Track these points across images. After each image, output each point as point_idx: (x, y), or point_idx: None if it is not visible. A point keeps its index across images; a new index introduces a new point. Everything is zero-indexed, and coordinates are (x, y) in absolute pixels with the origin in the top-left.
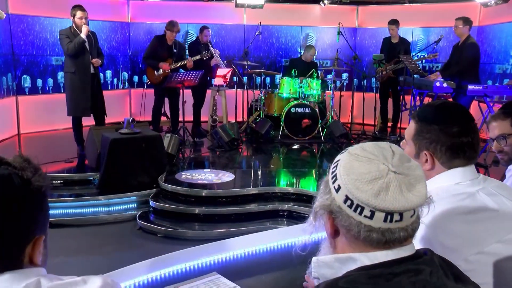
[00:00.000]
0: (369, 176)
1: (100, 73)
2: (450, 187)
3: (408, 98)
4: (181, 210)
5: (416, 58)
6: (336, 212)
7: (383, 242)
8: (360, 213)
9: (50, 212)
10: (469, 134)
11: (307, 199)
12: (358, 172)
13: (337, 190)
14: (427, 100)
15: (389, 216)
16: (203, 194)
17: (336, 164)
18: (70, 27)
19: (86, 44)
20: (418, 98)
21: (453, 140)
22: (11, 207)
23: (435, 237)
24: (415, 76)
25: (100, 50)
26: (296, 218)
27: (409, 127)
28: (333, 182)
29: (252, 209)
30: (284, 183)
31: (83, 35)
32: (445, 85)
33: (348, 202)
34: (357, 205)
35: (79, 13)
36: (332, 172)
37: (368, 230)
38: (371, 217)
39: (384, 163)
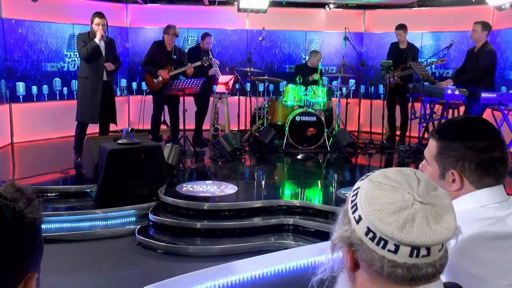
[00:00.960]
0: (393, 207)
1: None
2: (475, 210)
3: (417, 105)
4: (182, 224)
5: (424, 64)
6: (357, 244)
7: (409, 279)
8: (384, 247)
9: (44, 226)
10: (498, 148)
11: (313, 213)
12: (381, 202)
13: (357, 221)
14: (437, 108)
15: (415, 251)
16: (205, 208)
17: (356, 192)
18: (89, 32)
19: (102, 49)
20: (428, 106)
21: (482, 156)
22: (1, 243)
23: (460, 265)
24: (425, 83)
25: (117, 57)
26: (302, 232)
27: (430, 147)
28: (353, 212)
29: (256, 223)
30: (289, 195)
31: (97, 40)
32: (457, 92)
33: (370, 235)
34: (380, 238)
35: (96, 20)
36: (352, 201)
37: (392, 266)
38: (395, 251)
39: (409, 192)
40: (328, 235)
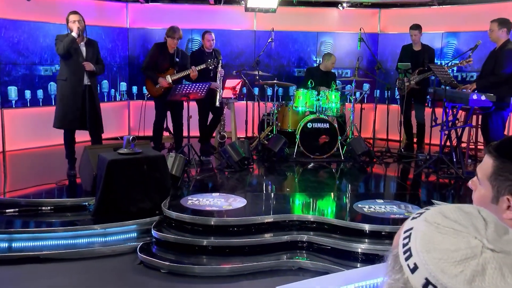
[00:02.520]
0: (458, 255)
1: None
2: None
3: (439, 111)
4: (187, 241)
5: (446, 66)
6: None
7: None
8: None
9: (38, 244)
10: None
11: (329, 229)
12: (442, 248)
13: (412, 270)
14: (460, 114)
15: None
16: (212, 223)
17: (408, 234)
18: (68, 33)
19: (82, 51)
20: (450, 112)
21: None
22: None
23: None
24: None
25: (101, 61)
26: (317, 250)
27: (484, 164)
28: (407, 259)
29: (267, 240)
30: (302, 209)
31: (73, 33)
32: (483, 98)
33: None
34: None
35: (71, 17)
36: (404, 245)
37: None
38: None
39: (476, 237)
40: (345, 253)
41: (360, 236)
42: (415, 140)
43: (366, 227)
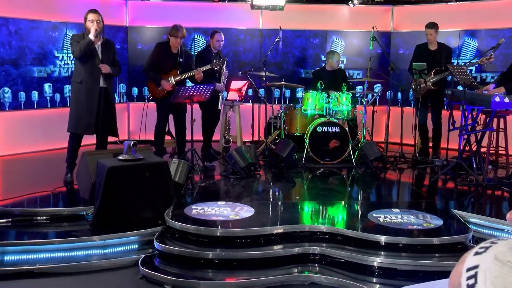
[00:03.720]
0: None
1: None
2: None
3: (457, 114)
4: (192, 253)
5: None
6: None
7: None
8: None
9: (32, 257)
10: None
11: (342, 240)
12: None
13: None
14: (482, 118)
15: None
16: (218, 234)
17: (474, 273)
18: (83, 33)
19: (98, 51)
20: (470, 115)
21: None
22: None
23: None
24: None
25: (117, 62)
26: (331, 264)
27: None
28: None
29: (277, 253)
30: (313, 219)
31: (91, 35)
32: (507, 100)
33: None
34: None
35: (90, 16)
36: (469, 286)
37: None
38: None
39: None
40: (360, 267)
41: (375, 248)
42: (430, 144)
43: (382, 238)
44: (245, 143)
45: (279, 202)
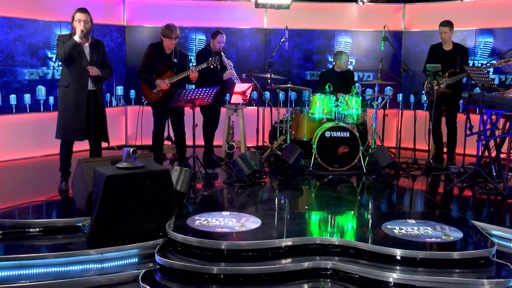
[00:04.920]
0: None
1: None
2: None
3: (474, 119)
4: (195, 268)
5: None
6: None
7: None
8: None
9: (24, 272)
10: None
11: (356, 254)
12: None
13: None
14: (502, 122)
15: None
16: (223, 247)
17: None
18: (70, 33)
19: (86, 53)
20: (489, 120)
21: None
22: None
23: None
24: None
25: (108, 64)
26: (344, 279)
27: None
28: None
29: (286, 267)
30: (323, 230)
31: (76, 37)
32: None
33: None
34: None
35: (77, 15)
36: None
37: None
38: None
39: None
40: (375, 283)
41: (391, 263)
42: (445, 150)
43: (398, 252)
44: (249, 149)
45: (287, 212)
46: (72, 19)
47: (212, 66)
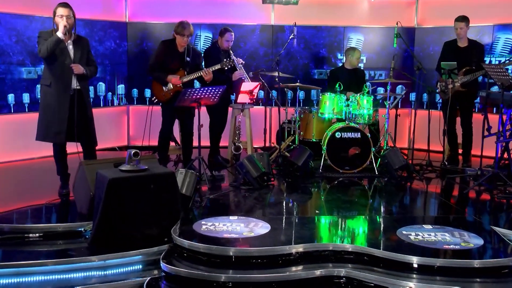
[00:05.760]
0: None
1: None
2: None
3: (493, 119)
4: (202, 276)
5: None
6: None
7: None
8: None
9: (23, 280)
10: None
11: (370, 261)
12: None
13: None
14: None
15: None
16: (231, 254)
17: None
18: (52, 29)
19: (70, 51)
20: (508, 120)
21: None
22: None
23: None
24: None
25: (93, 61)
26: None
27: None
28: None
29: (297, 275)
30: (335, 235)
31: (59, 33)
32: None
33: None
34: None
35: (59, 10)
36: None
37: None
38: None
39: None
40: None
41: (407, 271)
42: (460, 151)
43: (414, 259)
44: (256, 150)
45: (297, 217)
46: (53, 14)
47: (226, 68)
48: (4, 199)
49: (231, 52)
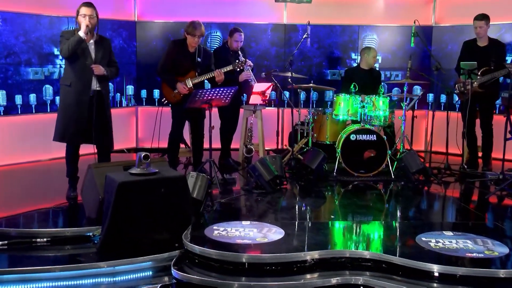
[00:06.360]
0: None
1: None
2: None
3: None
4: (215, 283)
5: None
6: None
7: None
8: None
9: (30, 286)
10: None
11: (388, 269)
12: None
13: None
14: None
15: None
16: (244, 260)
17: None
18: (75, 29)
19: (91, 51)
20: None
21: None
22: None
23: None
24: None
25: (114, 62)
26: None
27: None
28: None
29: (313, 283)
30: (352, 241)
31: (81, 32)
32: None
33: None
34: None
35: (82, 10)
36: None
37: None
38: None
39: None
40: None
41: (427, 280)
42: (479, 154)
43: (435, 268)
44: (268, 153)
45: (311, 222)
46: (76, 13)
47: (238, 69)
48: (11, 202)
49: (240, 53)
